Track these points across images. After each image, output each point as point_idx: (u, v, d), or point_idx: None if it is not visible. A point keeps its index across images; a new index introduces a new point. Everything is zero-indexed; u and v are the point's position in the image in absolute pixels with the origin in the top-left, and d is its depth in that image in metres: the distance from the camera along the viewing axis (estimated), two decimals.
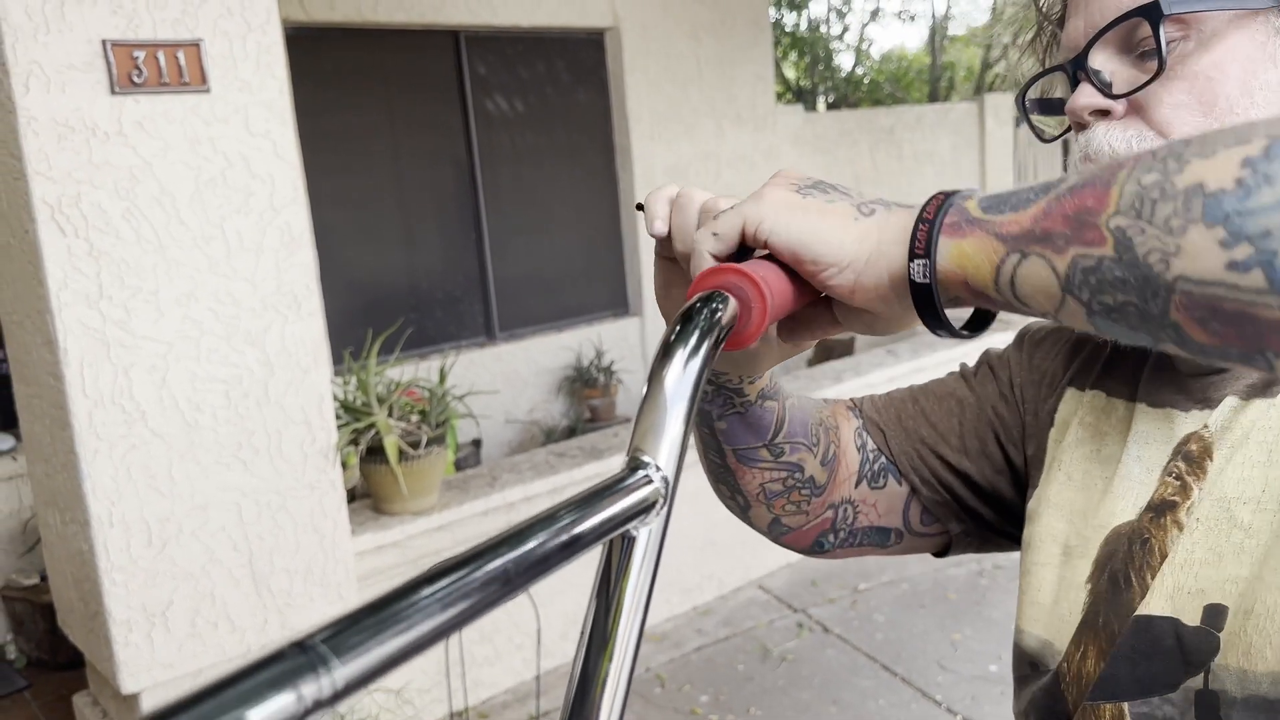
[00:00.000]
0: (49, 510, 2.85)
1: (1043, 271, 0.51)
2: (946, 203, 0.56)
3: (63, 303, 2.44)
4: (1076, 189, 0.50)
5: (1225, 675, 0.67)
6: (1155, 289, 0.46)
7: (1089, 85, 0.73)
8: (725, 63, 6.36)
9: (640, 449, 0.47)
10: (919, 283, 0.56)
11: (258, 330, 2.72)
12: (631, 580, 0.45)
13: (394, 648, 0.31)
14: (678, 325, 0.53)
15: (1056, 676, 0.78)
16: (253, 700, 0.27)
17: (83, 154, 2.43)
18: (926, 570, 4.28)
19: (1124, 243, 0.47)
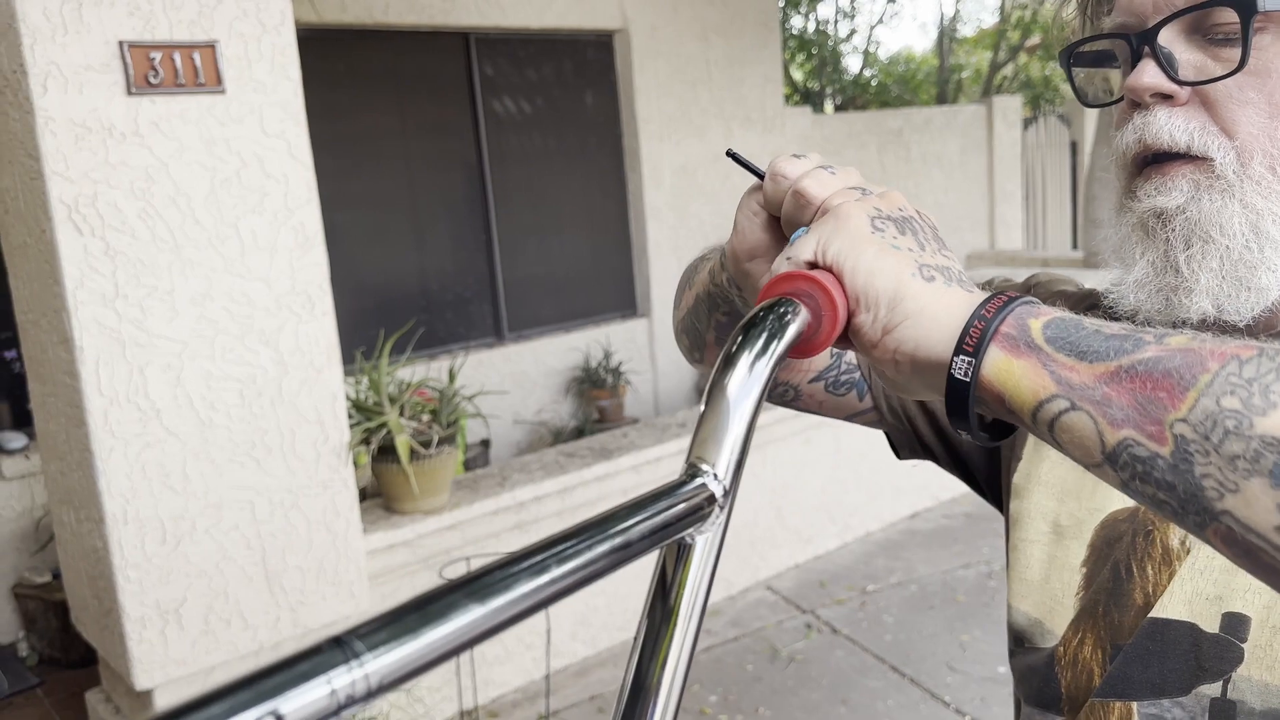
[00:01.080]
0: (63, 508, 2.87)
1: (1089, 432, 0.49)
2: (1008, 307, 0.54)
3: (79, 301, 2.46)
4: (1152, 370, 0.48)
5: (1246, 687, 0.67)
6: (1200, 508, 0.45)
7: (1154, 65, 0.69)
8: (734, 64, 6.37)
9: (700, 457, 0.46)
10: (958, 379, 0.53)
11: (271, 329, 2.74)
12: (688, 588, 0.44)
13: (430, 648, 0.31)
14: (740, 335, 0.52)
15: (1051, 659, 0.79)
16: (286, 691, 0.27)
17: (99, 154, 2.45)
18: (935, 572, 4.28)
19: (1183, 454, 0.46)
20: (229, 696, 0.26)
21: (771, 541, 4.32)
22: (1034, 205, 9.55)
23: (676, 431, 3.94)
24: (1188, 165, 0.70)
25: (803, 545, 4.46)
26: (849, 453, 4.57)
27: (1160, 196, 0.71)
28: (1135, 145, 0.71)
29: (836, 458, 4.54)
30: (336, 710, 0.28)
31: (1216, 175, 0.68)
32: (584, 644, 3.70)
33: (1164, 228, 0.71)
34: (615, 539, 0.39)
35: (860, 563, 4.45)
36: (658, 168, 6.10)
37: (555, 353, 5.92)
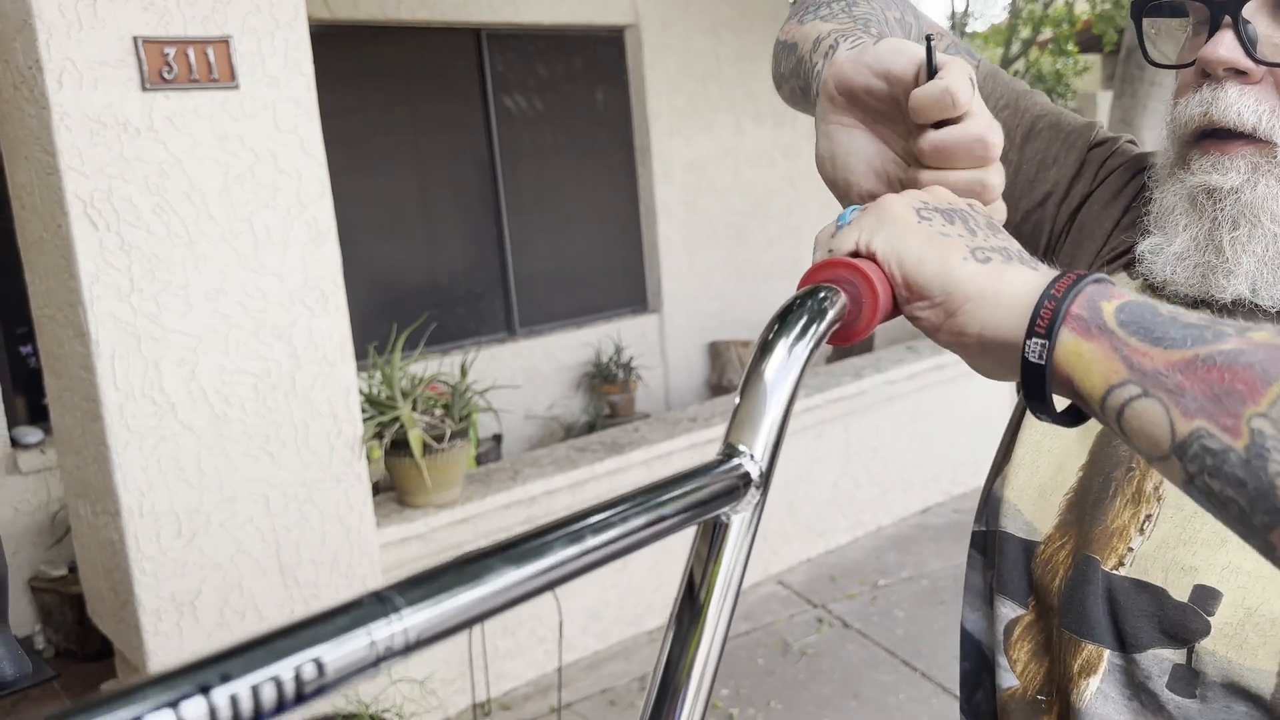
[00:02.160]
0: (80, 501, 2.89)
1: (1160, 421, 0.48)
2: (1077, 286, 0.52)
3: (94, 296, 2.48)
4: (1232, 362, 0.46)
5: (1210, 660, 0.68)
6: (1269, 507, 0.44)
7: (1233, 37, 0.66)
8: (745, 59, 6.36)
9: (737, 439, 0.47)
10: (1032, 361, 0.52)
11: (285, 324, 2.75)
12: (723, 566, 0.45)
13: (466, 606, 0.32)
14: (776, 323, 0.52)
15: (1030, 552, 0.80)
16: (328, 640, 0.28)
17: (114, 149, 2.47)
18: (947, 566, 4.28)
19: (1258, 449, 0.44)
20: (272, 642, 0.27)
21: (783, 535, 4.32)
22: None
23: (687, 426, 3.95)
24: (1249, 146, 0.68)
25: (814, 539, 4.46)
26: (860, 447, 4.57)
27: (1216, 174, 0.69)
28: (1200, 117, 0.70)
29: (848, 452, 4.54)
30: (375, 661, 0.29)
31: (1277, 161, 0.67)
32: (595, 637, 3.72)
33: (1213, 205, 0.70)
34: (651, 512, 0.39)
35: (872, 557, 4.45)
36: (668, 163, 6.10)
37: (566, 348, 5.93)
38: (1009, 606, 0.81)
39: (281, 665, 0.27)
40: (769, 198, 6.58)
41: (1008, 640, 0.81)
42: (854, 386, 4.42)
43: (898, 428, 4.71)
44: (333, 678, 0.28)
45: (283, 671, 0.27)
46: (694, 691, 0.43)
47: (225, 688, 0.26)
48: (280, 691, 0.26)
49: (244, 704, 0.25)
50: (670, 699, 0.43)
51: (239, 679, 0.26)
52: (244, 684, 0.26)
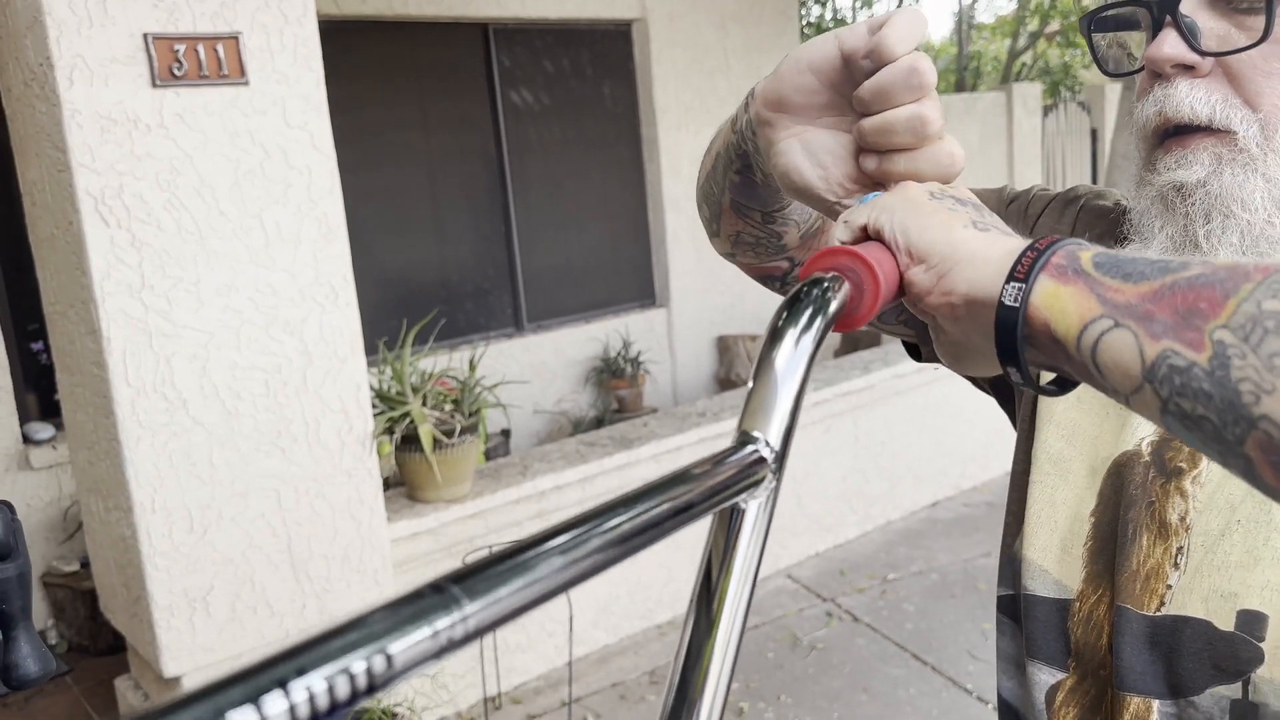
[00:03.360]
0: (92, 497, 2.90)
1: (1129, 349, 0.49)
2: (1060, 242, 0.54)
3: (106, 292, 2.49)
4: (1195, 283, 0.47)
5: (1268, 689, 0.66)
6: (1237, 417, 0.44)
7: (1175, 34, 0.67)
8: (752, 52, 6.35)
9: (750, 426, 0.47)
10: (1007, 305, 0.53)
11: (296, 320, 2.76)
12: (740, 551, 0.45)
13: (520, 594, 0.33)
14: (785, 310, 0.53)
15: (1065, 611, 0.79)
16: (395, 634, 0.29)
17: (125, 146, 2.47)
18: (956, 561, 4.28)
19: (1221, 359, 0.45)
20: (343, 636, 0.28)
21: (792, 530, 4.32)
22: None
23: (696, 421, 3.95)
24: (1209, 138, 0.68)
25: (823, 534, 4.46)
26: (869, 441, 4.57)
27: (1180, 170, 0.69)
28: (1155, 118, 0.70)
29: (856, 447, 4.53)
30: (438, 652, 0.30)
31: (1239, 149, 0.67)
32: (605, 632, 3.72)
33: (1184, 202, 0.70)
34: (675, 501, 0.40)
35: (881, 551, 4.45)
36: (676, 158, 6.10)
37: (574, 343, 5.94)
38: (1046, 672, 0.80)
39: (353, 659, 0.28)
40: None
41: (1050, 708, 0.79)
42: (862, 380, 4.42)
43: (906, 422, 4.70)
44: (400, 669, 0.29)
45: (354, 665, 0.27)
46: (716, 676, 0.44)
47: (302, 681, 0.26)
48: (353, 684, 0.27)
49: (320, 698, 0.26)
50: (694, 684, 0.44)
51: (314, 673, 0.27)
52: (319, 678, 0.27)
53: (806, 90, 0.68)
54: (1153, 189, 0.72)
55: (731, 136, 0.79)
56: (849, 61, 0.65)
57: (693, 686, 0.44)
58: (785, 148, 0.71)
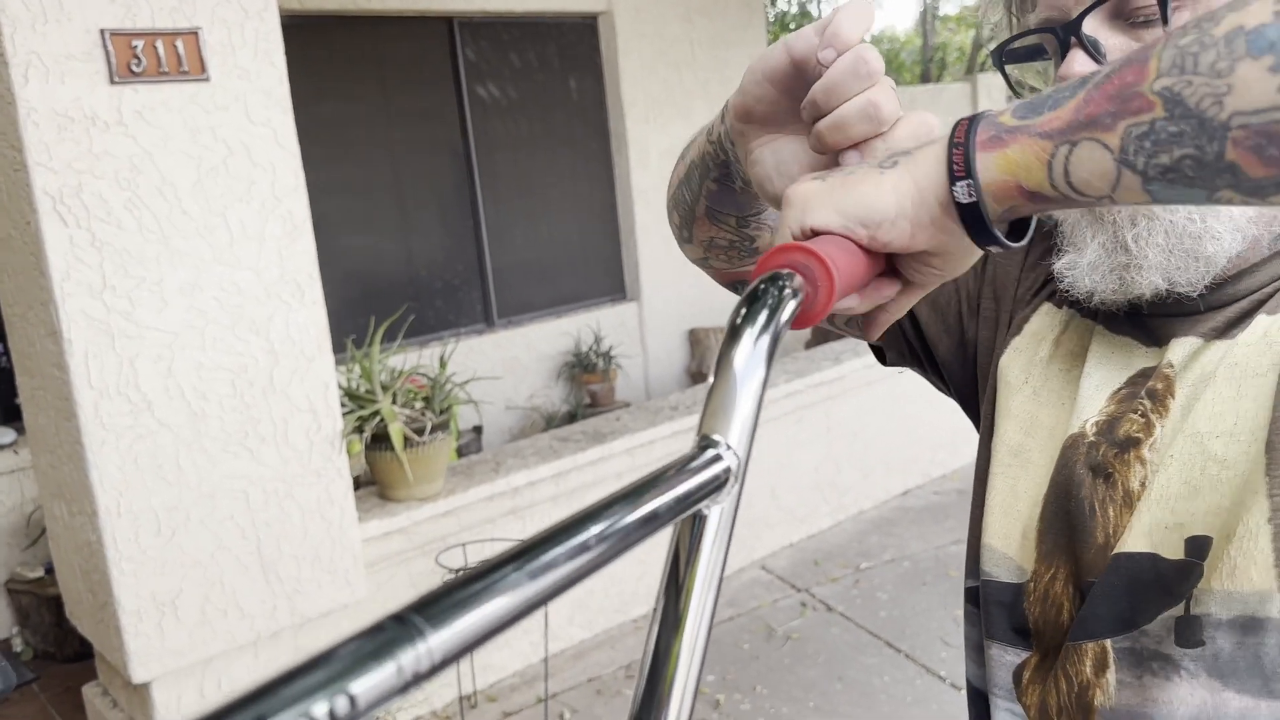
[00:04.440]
0: (55, 502, 2.85)
1: (1096, 153, 0.52)
2: (974, 123, 0.56)
3: (66, 294, 2.44)
4: (1112, 72, 0.51)
5: (1209, 599, 0.69)
6: (1211, 132, 0.48)
7: (1083, 54, 0.72)
8: (718, 45, 6.35)
9: (711, 429, 0.47)
10: (965, 203, 0.55)
11: (262, 319, 2.72)
12: (704, 558, 0.45)
13: (486, 620, 0.32)
14: (744, 307, 0.53)
15: (1020, 592, 0.80)
16: (356, 672, 0.28)
17: (83, 144, 2.43)
18: (928, 548, 4.30)
19: (1173, 99, 0.48)
20: (304, 678, 0.27)
21: (766, 521, 4.33)
22: None
23: (669, 415, 3.95)
24: None
25: (797, 524, 4.47)
26: (841, 431, 4.58)
27: None
28: None
29: (829, 437, 4.55)
30: (403, 688, 0.29)
31: None
32: (581, 628, 3.71)
33: (1110, 211, 0.74)
34: (640, 512, 0.40)
35: (854, 541, 4.47)
36: (644, 150, 6.08)
37: (546, 338, 5.92)
38: (1011, 653, 0.82)
39: (315, 702, 0.26)
40: None
41: (1019, 687, 0.81)
42: (834, 371, 4.43)
43: (877, 411, 4.72)
44: (364, 709, 0.27)
45: (317, 709, 0.26)
46: (682, 683, 0.43)
47: None
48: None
49: None
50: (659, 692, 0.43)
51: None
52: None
53: (767, 101, 0.69)
54: None
55: (708, 147, 0.80)
56: (801, 67, 0.65)
57: (660, 692, 0.43)
58: (757, 158, 0.72)
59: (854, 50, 0.62)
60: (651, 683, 0.43)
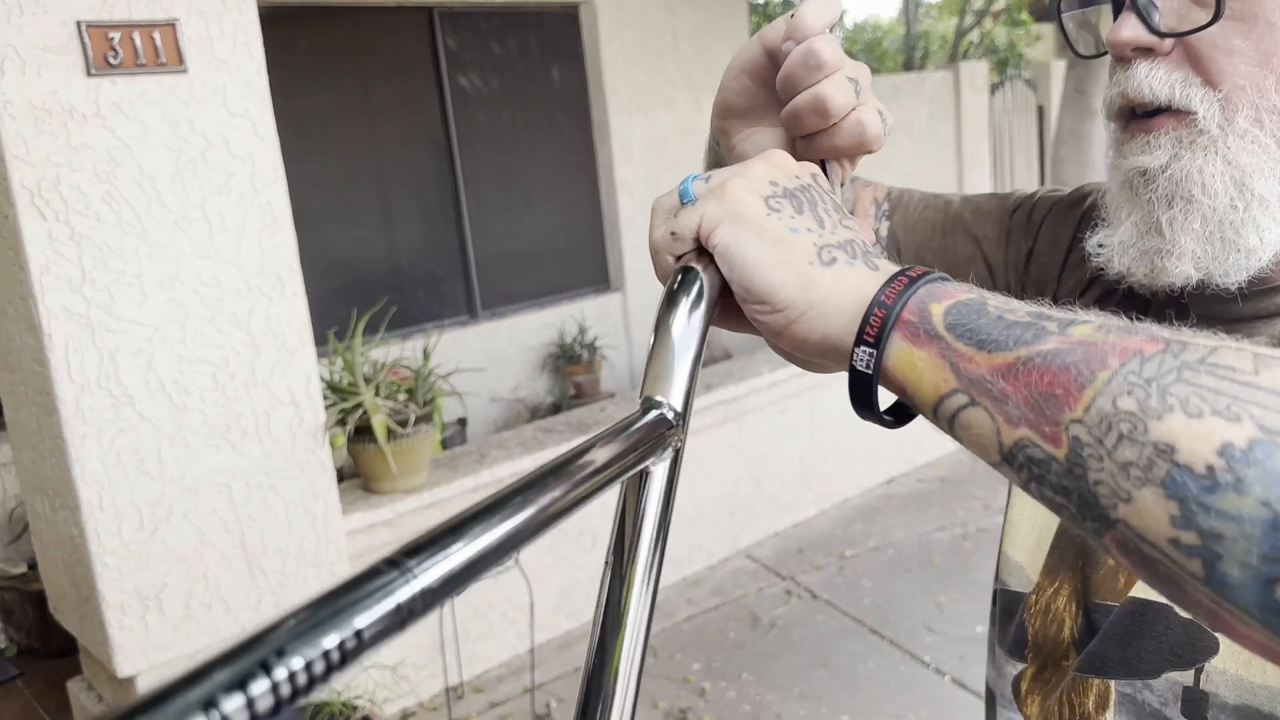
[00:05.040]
0: (37, 497, 2.84)
1: (987, 429, 0.48)
2: (910, 289, 0.51)
3: (45, 288, 2.43)
4: (1051, 364, 0.46)
5: (1220, 679, 0.66)
6: (1096, 515, 0.44)
7: (1134, 17, 0.66)
8: (701, 34, 6.34)
9: (652, 392, 0.49)
10: (860, 370, 0.51)
11: (242, 311, 2.71)
12: (650, 511, 0.47)
13: (469, 560, 0.35)
14: (679, 276, 0.54)
15: (1022, 604, 0.80)
16: (359, 611, 0.30)
17: (61, 137, 2.41)
18: (911, 535, 4.33)
19: (1077, 459, 0.44)
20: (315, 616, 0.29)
21: (750, 510, 4.35)
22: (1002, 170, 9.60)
23: None
24: (1170, 120, 0.67)
25: (781, 513, 4.49)
26: (825, 420, 4.60)
27: (1144, 155, 0.68)
28: (1119, 99, 0.69)
29: (813, 425, 4.56)
30: (401, 625, 0.32)
31: (1199, 130, 0.65)
32: (567, 617, 3.72)
33: (1147, 187, 0.68)
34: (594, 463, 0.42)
35: (838, 529, 4.49)
36: (627, 141, 6.08)
37: (530, 329, 5.91)
38: (1010, 664, 0.81)
39: (328, 639, 0.29)
40: None
41: (1018, 698, 0.80)
42: None
43: None
44: (368, 644, 0.30)
45: (329, 644, 0.29)
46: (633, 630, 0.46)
47: (281, 663, 0.28)
48: (327, 662, 0.29)
49: (300, 678, 0.28)
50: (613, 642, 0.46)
51: (293, 655, 0.28)
52: (299, 660, 0.28)
53: (747, 94, 0.70)
54: (1119, 173, 0.71)
55: (709, 156, 0.82)
56: (774, 58, 0.66)
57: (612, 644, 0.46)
58: (740, 152, 0.72)
59: (806, 42, 0.62)
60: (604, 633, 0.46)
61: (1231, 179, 0.65)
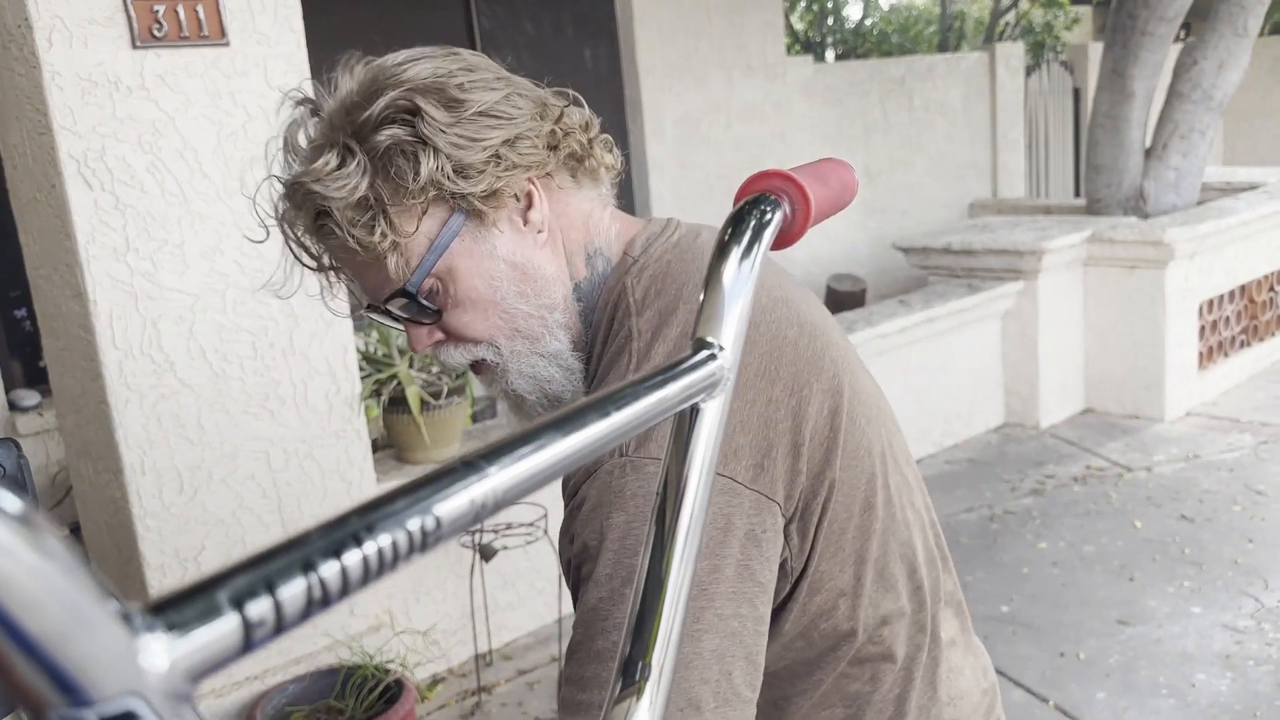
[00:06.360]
0: (81, 460, 2.91)
1: None
2: None
3: (91, 256, 2.49)
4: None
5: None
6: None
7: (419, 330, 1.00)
8: (735, 12, 6.33)
9: (704, 333, 0.52)
10: None
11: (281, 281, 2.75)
12: (700, 446, 0.50)
13: (536, 467, 0.38)
14: (730, 227, 0.58)
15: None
16: (439, 499, 0.33)
17: (106, 108, 2.46)
18: (939, 516, 4.33)
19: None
20: (399, 500, 0.32)
21: None
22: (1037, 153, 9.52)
23: None
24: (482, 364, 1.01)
25: None
26: None
27: (497, 385, 1.02)
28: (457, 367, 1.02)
29: None
30: (474, 518, 0.34)
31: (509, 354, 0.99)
32: None
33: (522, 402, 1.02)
34: (650, 396, 0.45)
35: None
36: (659, 119, 6.09)
37: None
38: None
39: (411, 521, 0.32)
40: (762, 151, 6.58)
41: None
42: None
43: (889, 381, 4.74)
44: (445, 531, 0.33)
45: (412, 525, 0.32)
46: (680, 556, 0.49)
47: (372, 539, 0.30)
48: (410, 542, 0.32)
49: (386, 553, 0.31)
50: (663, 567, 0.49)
51: (381, 532, 0.31)
52: (386, 537, 0.31)
53: None
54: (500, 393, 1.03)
55: None
56: None
57: (661, 568, 0.49)
58: None
59: None
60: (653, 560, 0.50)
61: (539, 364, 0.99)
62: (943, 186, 8.24)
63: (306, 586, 0.28)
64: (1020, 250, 5.04)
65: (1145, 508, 4.23)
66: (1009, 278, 5.11)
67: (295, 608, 0.28)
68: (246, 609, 0.26)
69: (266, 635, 0.27)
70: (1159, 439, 4.96)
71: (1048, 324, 5.14)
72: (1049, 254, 4.99)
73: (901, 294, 5.40)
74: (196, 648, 0.25)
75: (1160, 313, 5.05)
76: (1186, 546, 3.87)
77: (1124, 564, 3.78)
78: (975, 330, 5.09)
